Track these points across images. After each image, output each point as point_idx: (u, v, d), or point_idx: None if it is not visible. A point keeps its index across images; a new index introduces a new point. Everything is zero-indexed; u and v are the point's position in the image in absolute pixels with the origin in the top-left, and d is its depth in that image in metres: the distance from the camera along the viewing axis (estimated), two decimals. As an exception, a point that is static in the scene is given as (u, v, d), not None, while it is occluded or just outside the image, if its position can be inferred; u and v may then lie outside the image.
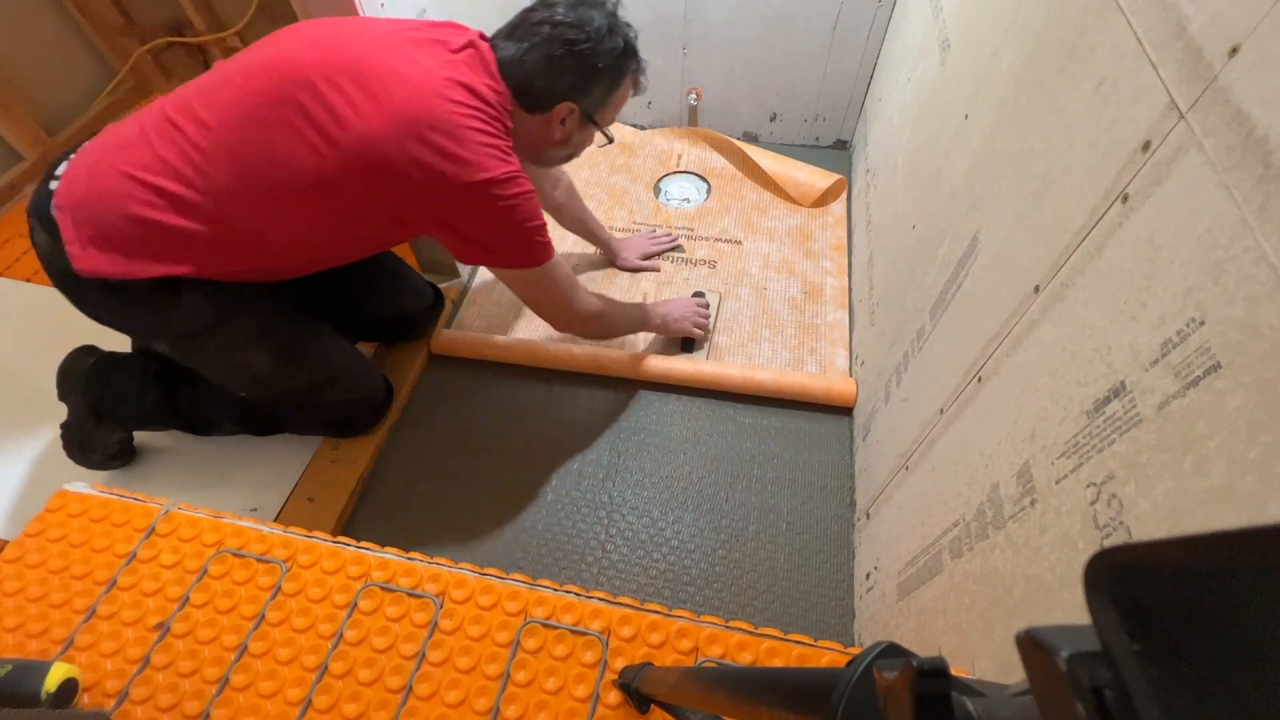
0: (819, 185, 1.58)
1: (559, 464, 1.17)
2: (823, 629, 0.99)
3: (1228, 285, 0.36)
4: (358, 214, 0.84)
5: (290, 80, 0.77)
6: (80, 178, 0.80)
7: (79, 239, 0.78)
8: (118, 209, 0.78)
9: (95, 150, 0.82)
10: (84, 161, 0.81)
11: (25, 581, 0.74)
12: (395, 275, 1.23)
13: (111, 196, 0.79)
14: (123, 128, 0.83)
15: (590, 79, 0.87)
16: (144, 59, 1.82)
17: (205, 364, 0.97)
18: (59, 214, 0.78)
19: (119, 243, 0.79)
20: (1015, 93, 0.68)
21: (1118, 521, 0.43)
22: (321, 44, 0.81)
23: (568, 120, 0.90)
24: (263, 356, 0.97)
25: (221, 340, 0.92)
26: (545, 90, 0.86)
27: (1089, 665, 0.15)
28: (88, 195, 0.79)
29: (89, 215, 0.79)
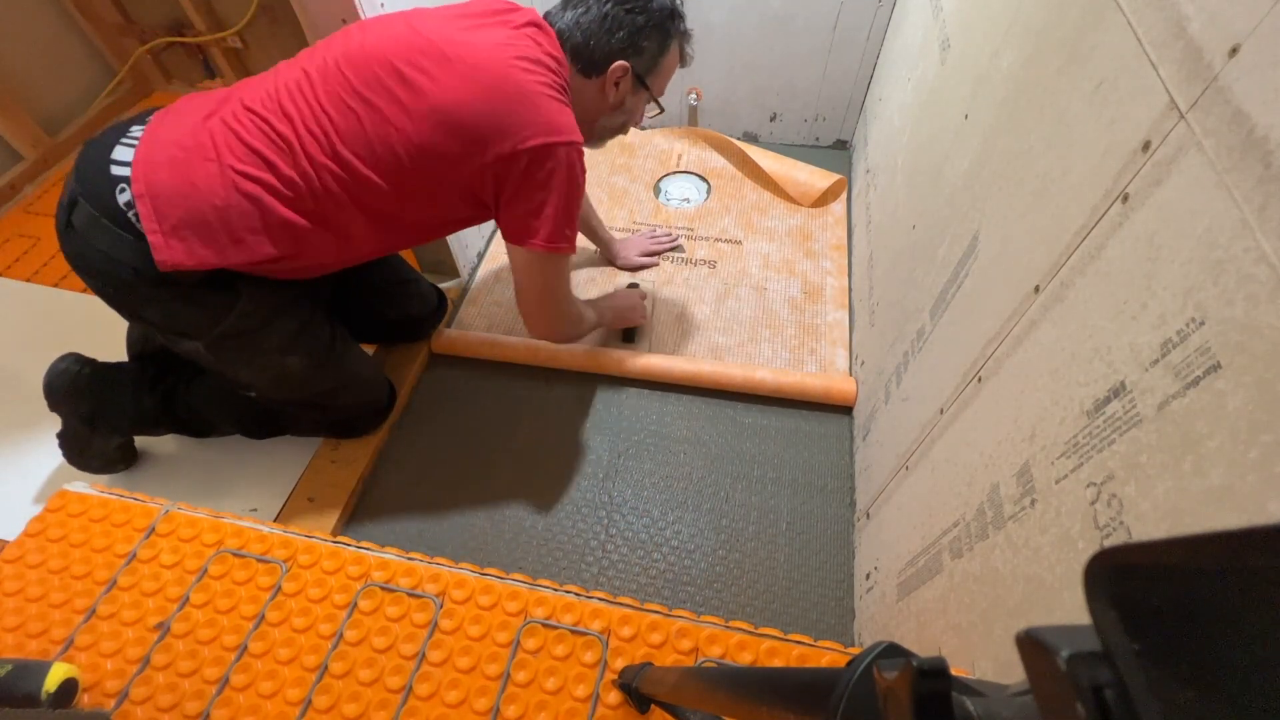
0: (819, 185, 1.58)
1: (559, 464, 1.17)
2: (823, 629, 0.99)
3: (1228, 285, 0.36)
4: (435, 190, 0.87)
5: (370, 67, 0.81)
6: (158, 167, 0.78)
7: (162, 229, 0.77)
8: (211, 199, 0.78)
9: (165, 141, 0.80)
10: (156, 153, 0.79)
11: (25, 581, 0.74)
12: (403, 280, 1.23)
13: (205, 186, 0.78)
14: (185, 119, 0.82)
15: (640, 35, 0.90)
16: (144, 59, 1.82)
17: (239, 365, 0.95)
18: (140, 203, 0.77)
19: (206, 233, 0.79)
20: (1015, 93, 0.68)
21: (1118, 521, 0.43)
22: (393, 36, 0.83)
23: (621, 82, 0.93)
24: (298, 360, 0.97)
25: (263, 343, 0.92)
26: (600, 49, 0.89)
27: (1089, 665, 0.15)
28: (176, 185, 0.78)
29: (177, 205, 0.78)
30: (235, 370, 0.96)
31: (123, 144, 0.81)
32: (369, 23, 0.88)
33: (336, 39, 0.86)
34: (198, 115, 0.82)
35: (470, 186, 0.87)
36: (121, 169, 0.79)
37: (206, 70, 1.83)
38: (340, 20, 0.99)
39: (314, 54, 0.86)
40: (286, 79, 0.83)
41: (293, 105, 0.81)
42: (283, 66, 0.86)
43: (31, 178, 1.65)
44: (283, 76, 0.84)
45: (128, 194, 0.78)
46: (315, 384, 1.03)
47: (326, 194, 0.82)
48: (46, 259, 1.48)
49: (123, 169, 0.79)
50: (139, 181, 0.78)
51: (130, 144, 0.81)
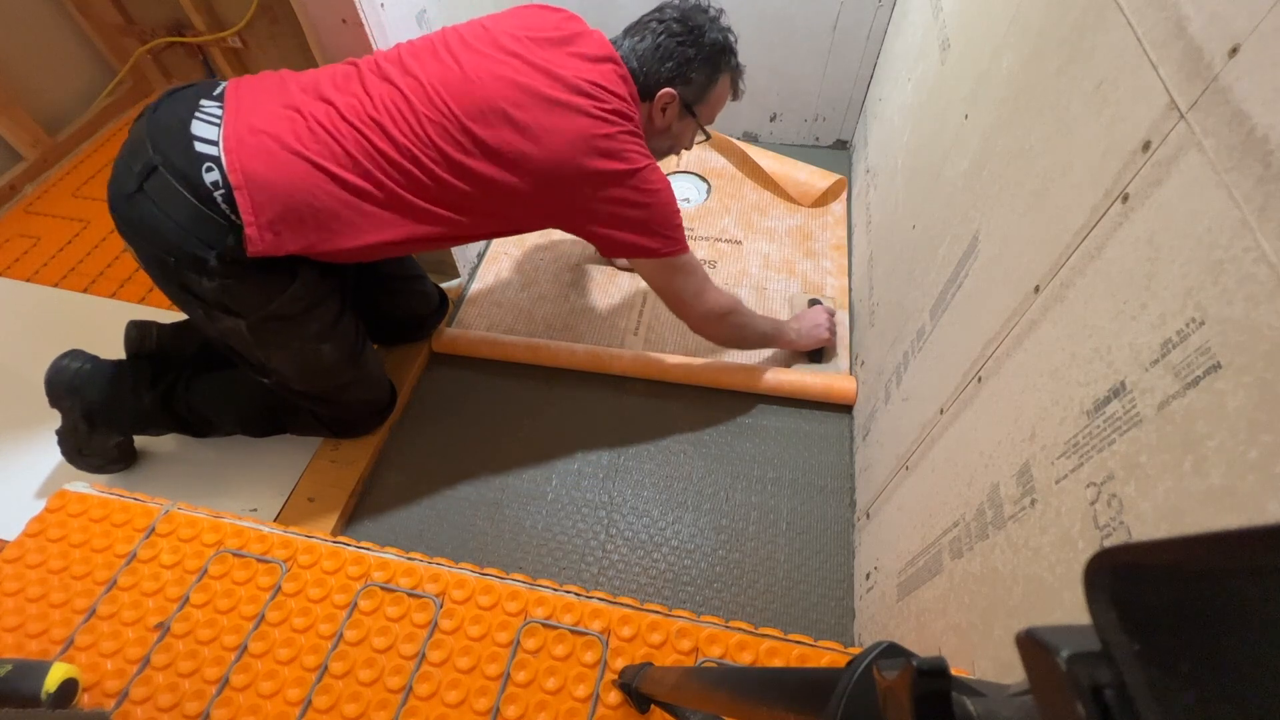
0: (819, 185, 1.58)
1: (559, 464, 1.17)
2: (823, 629, 0.99)
3: (1228, 285, 0.36)
4: (525, 215, 0.94)
5: (479, 106, 0.85)
6: (254, 158, 0.80)
7: (259, 221, 0.80)
8: (309, 200, 0.82)
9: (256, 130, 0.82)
10: (249, 142, 0.81)
11: (25, 581, 0.74)
12: (411, 275, 1.24)
13: (304, 187, 0.82)
14: (271, 108, 0.84)
15: (689, 67, 0.95)
16: (144, 59, 1.82)
17: (276, 347, 0.97)
18: (239, 194, 0.79)
19: (300, 228, 0.83)
20: (1015, 93, 0.68)
21: (1118, 521, 0.43)
22: (494, 72, 0.86)
23: (669, 108, 0.98)
24: (331, 348, 1.00)
25: (305, 327, 0.95)
26: (651, 76, 0.95)
27: (1089, 665, 0.15)
28: (276, 181, 0.81)
29: (276, 200, 0.81)
30: (269, 353, 0.97)
31: (201, 119, 0.82)
32: (455, 44, 0.90)
33: (428, 59, 0.88)
34: (282, 107, 0.84)
35: (565, 221, 0.95)
36: (207, 147, 0.81)
37: (206, 70, 1.83)
38: (340, 20, 0.99)
39: (406, 71, 0.87)
40: (381, 95, 0.85)
41: (394, 127, 0.84)
42: (369, 76, 0.87)
43: (31, 178, 1.65)
44: (375, 91, 0.85)
45: (215, 174, 0.80)
46: (337, 375, 1.05)
47: (421, 210, 0.87)
48: (46, 259, 1.48)
49: (209, 147, 0.81)
50: (235, 171, 0.79)
51: (209, 121, 0.82)
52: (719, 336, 1.14)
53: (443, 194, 0.87)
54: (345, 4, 0.96)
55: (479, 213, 0.90)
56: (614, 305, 1.40)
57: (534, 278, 1.46)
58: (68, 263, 1.47)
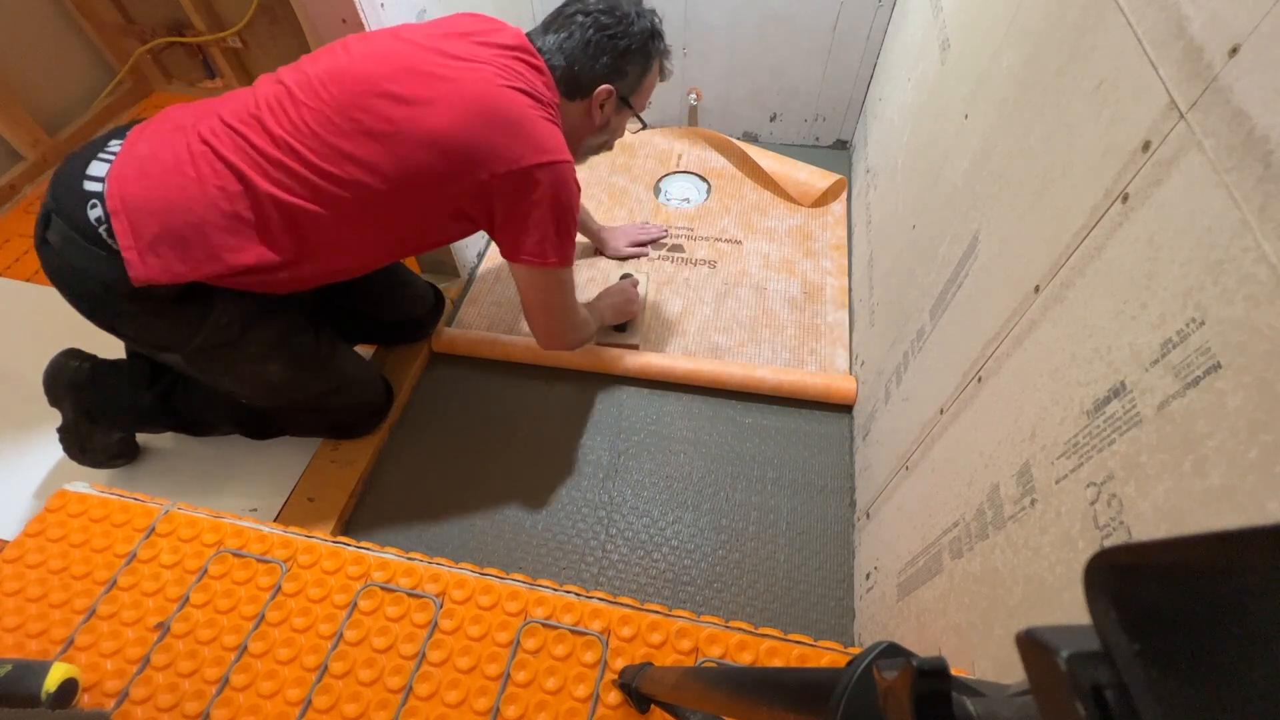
0: (819, 185, 1.58)
1: (559, 464, 1.17)
2: (823, 629, 0.99)
3: (1228, 285, 0.36)
4: (427, 210, 0.87)
5: (358, 88, 0.81)
6: (132, 181, 0.78)
7: (138, 245, 0.77)
8: (186, 215, 0.78)
9: (140, 157, 0.80)
10: (130, 168, 0.79)
11: (25, 581, 0.74)
12: (400, 282, 1.23)
13: (180, 201, 0.78)
14: (162, 134, 0.81)
15: (624, 59, 0.92)
16: (144, 59, 1.82)
17: (220, 375, 0.95)
18: (115, 219, 0.77)
19: (182, 248, 0.78)
20: (1015, 93, 0.68)
21: (1118, 521, 0.43)
22: (380, 55, 0.83)
23: (606, 104, 0.95)
24: (279, 367, 0.97)
25: (242, 352, 0.91)
26: (585, 74, 0.92)
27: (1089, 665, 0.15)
28: (152, 200, 0.77)
29: (153, 220, 0.77)
30: (218, 380, 0.97)
31: (99, 159, 0.80)
32: (353, 41, 0.88)
33: (321, 55, 0.86)
34: (172, 130, 0.82)
35: (460, 206, 0.87)
36: (94, 184, 0.78)
37: (206, 70, 1.83)
38: (340, 20, 0.99)
39: (297, 69, 0.85)
40: (265, 94, 0.83)
41: (273, 120, 0.81)
42: (262, 82, 0.85)
43: (31, 178, 1.65)
44: (261, 91, 0.83)
45: (99, 209, 0.78)
46: (303, 389, 1.02)
47: (304, 210, 0.81)
48: (46, 259, 1.48)
49: (95, 184, 0.78)
50: (114, 197, 0.77)
51: (106, 159, 0.80)
52: (570, 347, 1.09)
53: (322, 190, 0.81)
54: (345, 4, 0.96)
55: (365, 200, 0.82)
56: (614, 305, 1.40)
57: (534, 278, 1.46)
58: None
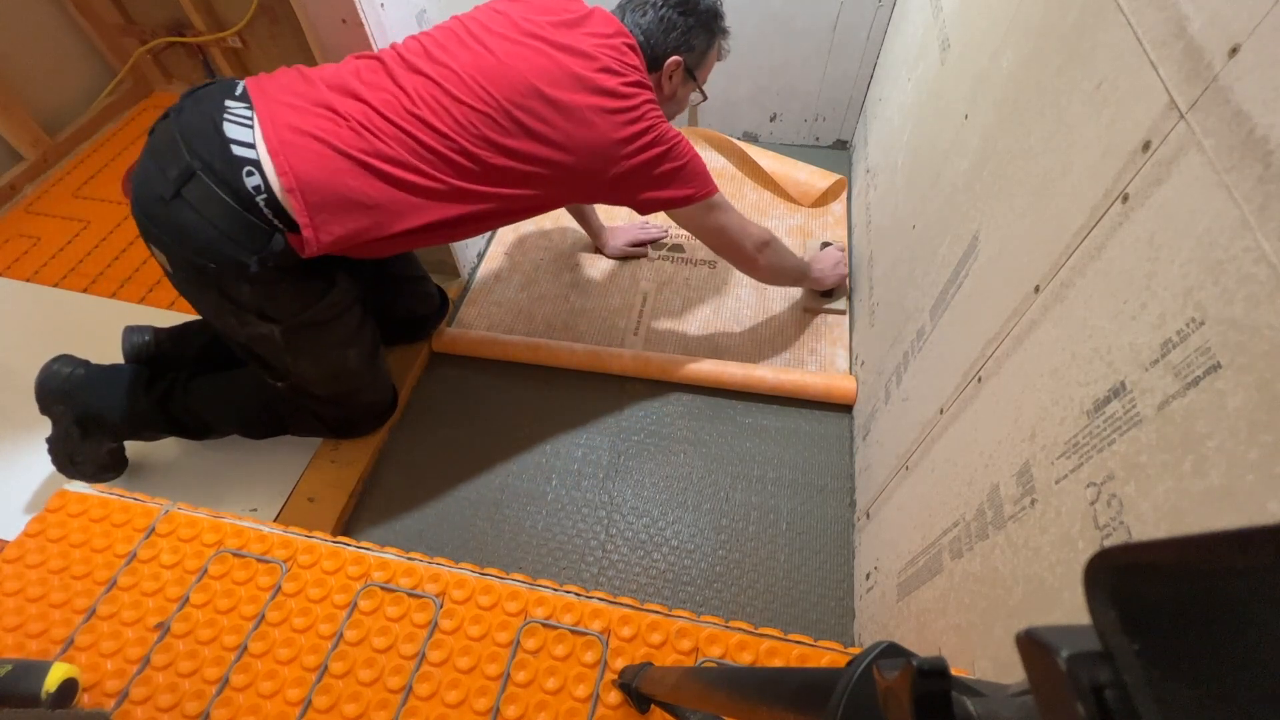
0: (819, 185, 1.58)
1: (559, 464, 1.17)
2: (823, 629, 0.99)
3: (1228, 285, 0.36)
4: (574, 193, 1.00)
5: (515, 90, 0.87)
6: (305, 161, 0.81)
7: (314, 223, 0.81)
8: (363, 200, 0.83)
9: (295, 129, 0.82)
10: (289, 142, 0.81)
11: (25, 581, 0.74)
12: (411, 279, 1.24)
13: (357, 188, 0.83)
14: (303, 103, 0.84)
15: (691, 34, 1.02)
16: (144, 59, 1.82)
17: (306, 353, 0.97)
18: (292, 197, 0.80)
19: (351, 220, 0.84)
20: (1015, 93, 0.68)
21: (1118, 521, 0.43)
22: (525, 56, 0.89)
23: (675, 75, 1.04)
24: (356, 353, 1.03)
25: (334, 334, 0.97)
26: (660, 47, 1.01)
27: (1089, 665, 0.15)
28: (329, 185, 0.81)
29: (331, 204, 0.82)
30: (297, 359, 0.98)
31: (231, 121, 0.81)
32: (478, 30, 0.91)
33: (455, 49, 0.89)
34: (313, 103, 0.84)
35: (602, 192, 0.99)
36: (245, 150, 0.80)
37: (206, 70, 1.83)
38: (340, 20, 0.99)
39: (431, 59, 0.88)
40: (417, 88, 0.85)
41: (437, 119, 0.85)
42: (398, 71, 0.87)
43: (31, 178, 1.65)
44: (409, 84, 0.86)
45: (257, 178, 0.80)
46: (358, 379, 1.07)
47: (466, 191, 0.89)
48: (46, 259, 1.48)
49: (246, 150, 0.80)
50: (287, 174, 0.79)
51: (241, 123, 0.81)
52: (764, 269, 1.16)
53: (488, 175, 0.89)
54: (345, 4, 0.96)
55: (523, 189, 0.92)
56: (614, 305, 1.40)
57: (534, 278, 1.46)
58: (68, 263, 1.47)
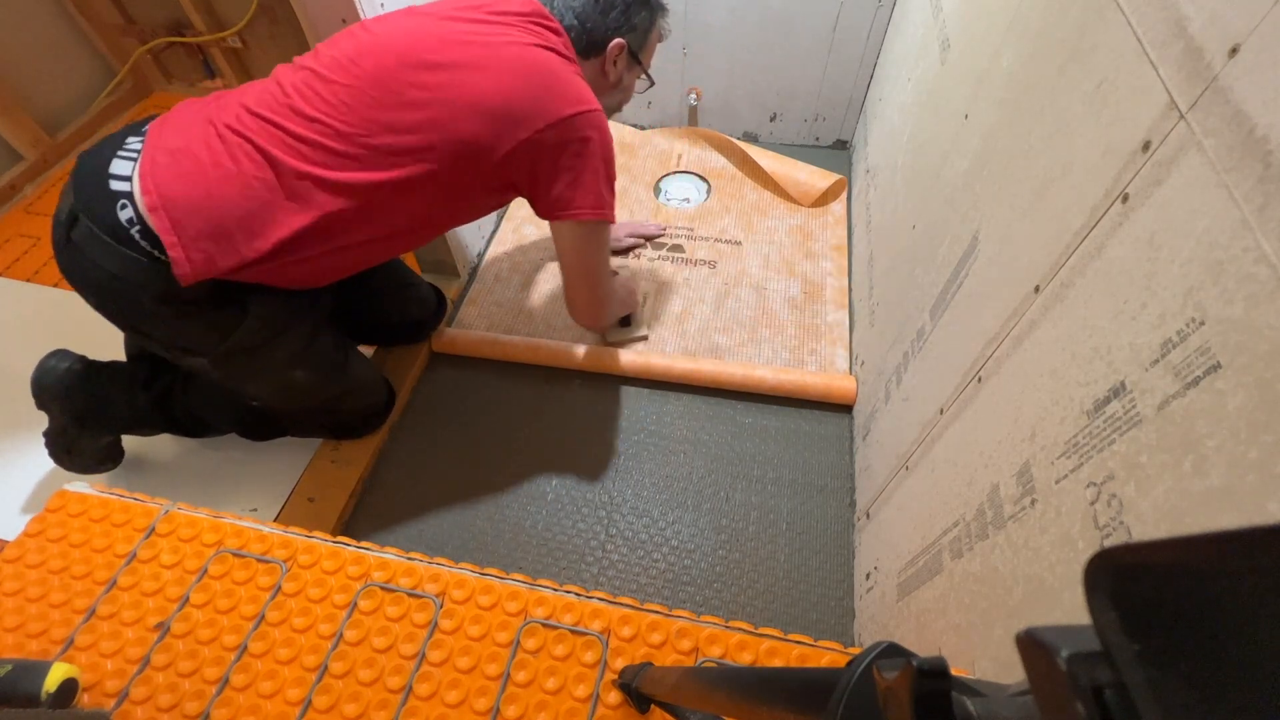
0: (819, 185, 1.58)
1: (559, 464, 1.17)
2: (823, 629, 0.99)
3: (1228, 285, 0.36)
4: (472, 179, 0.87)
5: (391, 61, 0.81)
6: (169, 179, 0.77)
7: (181, 242, 0.76)
8: (229, 207, 0.78)
9: (171, 152, 0.78)
10: (164, 165, 0.77)
11: (25, 581, 0.74)
12: (403, 284, 1.23)
13: (221, 195, 0.77)
14: (187, 128, 0.80)
15: (631, 12, 0.95)
16: (144, 59, 1.82)
17: (245, 379, 0.95)
18: (155, 216, 0.75)
19: (225, 240, 0.78)
20: (1015, 92, 0.68)
21: (1118, 521, 0.43)
22: (406, 30, 0.84)
23: (619, 59, 0.97)
24: (304, 373, 0.97)
25: (269, 358, 0.92)
26: (598, 30, 0.93)
27: (1089, 665, 0.15)
28: (193, 197, 0.77)
29: (196, 217, 0.77)
30: (241, 383, 0.96)
31: (120, 157, 0.79)
32: (370, 23, 0.88)
33: (341, 39, 0.86)
34: (198, 123, 0.81)
35: (505, 173, 0.87)
36: (121, 184, 0.77)
37: (206, 70, 1.83)
38: (340, 20, 0.99)
39: (316, 55, 0.85)
40: (293, 80, 0.82)
41: (306, 104, 0.80)
42: (281, 72, 0.85)
43: (31, 178, 1.65)
44: (287, 79, 0.83)
45: (130, 210, 0.77)
46: (321, 393, 1.03)
47: (346, 184, 0.81)
48: (46, 259, 1.48)
49: (123, 184, 0.77)
50: (150, 194, 0.76)
51: (128, 157, 0.79)
52: (601, 322, 1.11)
53: (370, 158, 0.80)
54: (345, 4, 0.97)
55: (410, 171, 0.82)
56: (614, 305, 1.40)
57: (534, 278, 1.46)
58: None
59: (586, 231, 0.93)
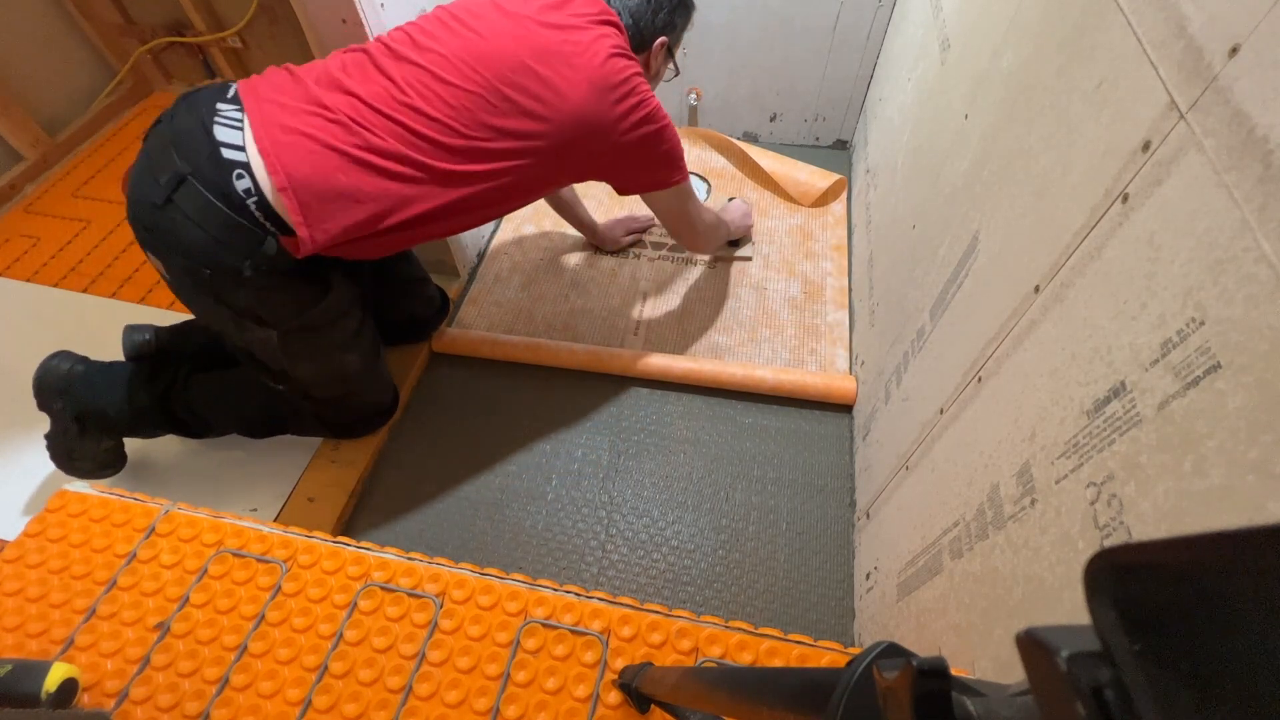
0: (819, 185, 1.58)
1: (559, 464, 1.17)
2: (823, 629, 0.99)
3: (1228, 285, 0.36)
4: (566, 172, 0.99)
5: (505, 67, 0.87)
6: (298, 161, 0.80)
7: (307, 222, 0.81)
8: (358, 196, 0.83)
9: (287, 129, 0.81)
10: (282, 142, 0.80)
11: (25, 581, 0.74)
12: (416, 278, 1.24)
13: (350, 185, 0.82)
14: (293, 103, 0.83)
15: (675, 13, 1.04)
16: (144, 59, 1.83)
17: (304, 357, 0.97)
18: (285, 196, 0.79)
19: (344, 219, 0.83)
20: (1015, 93, 0.68)
21: (1118, 521, 0.43)
22: (512, 34, 0.89)
23: (659, 54, 1.06)
24: (356, 356, 1.03)
25: (331, 338, 0.97)
26: (648, 29, 1.02)
27: (1089, 665, 0.15)
28: (322, 183, 0.81)
29: (325, 202, 0.81)
30: (295, 363, 0.97)
31: (222, 124, 0.81)
32: (463, 14, 0.91)
33: (440, 33, 0.89)
34: (303, 101, 0.83)
35: (589, 166, 0.99)
36: (235, 153, 0.79)
37: (206, 70, 1.83)
38: (340, 20, 0.99)
39: (420, 50, 0.87)
40: (406, 77, 0.85)
41: (427, 105, 0.84)
42: (380, 57, 0.87)
43: (31, 178, 1.65)
44: (397, 73, 0.85)
45: (247, 181, 0.79)
46: (358, 382, 1.07)
47: (457, 174, 0.88)
48: (46, 259, 1.48)
49: (236, 153, 0.79)
50: (279, 175, 0.79)
51: (231, 125, 0.81)
52: (707, 247, 1.29)
53: (483, 156, 0.88)
54: (345, 4, 0.97)
55: (518, 165, 0.91)
56: (614, 305, 1.40)
57: (534, 278, 1.46)
58: (68, 263, 1.47)
59: (675, 193, 1.07)
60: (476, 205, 0.92)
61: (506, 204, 0.99)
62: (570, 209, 1.42)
